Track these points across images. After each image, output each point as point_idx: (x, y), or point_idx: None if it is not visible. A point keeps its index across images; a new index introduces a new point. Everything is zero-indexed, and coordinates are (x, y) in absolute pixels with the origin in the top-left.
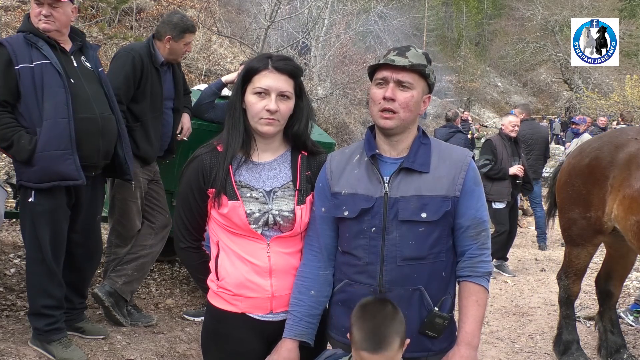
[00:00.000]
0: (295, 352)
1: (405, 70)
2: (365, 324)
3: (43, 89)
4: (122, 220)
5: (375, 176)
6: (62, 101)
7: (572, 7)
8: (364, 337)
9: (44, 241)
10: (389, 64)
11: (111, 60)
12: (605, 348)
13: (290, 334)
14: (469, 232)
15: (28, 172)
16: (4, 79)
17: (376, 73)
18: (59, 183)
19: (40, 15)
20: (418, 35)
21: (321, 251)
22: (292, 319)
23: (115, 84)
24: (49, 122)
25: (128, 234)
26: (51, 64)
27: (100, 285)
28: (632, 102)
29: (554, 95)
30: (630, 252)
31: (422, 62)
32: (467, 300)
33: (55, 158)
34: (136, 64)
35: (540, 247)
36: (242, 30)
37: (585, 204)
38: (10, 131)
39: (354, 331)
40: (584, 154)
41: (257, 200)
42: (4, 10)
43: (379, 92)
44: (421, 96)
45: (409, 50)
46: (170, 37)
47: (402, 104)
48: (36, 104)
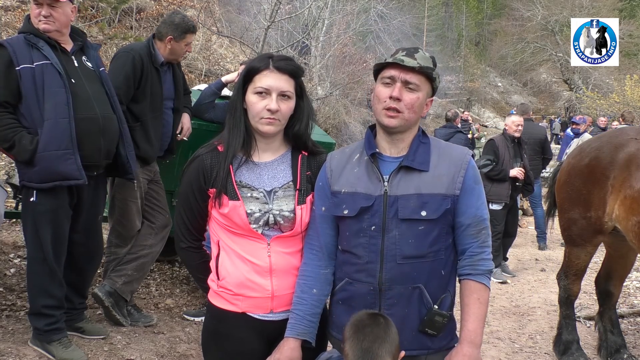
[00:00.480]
0: (298, 351)
1: (413, 72)
2: (358, 345)
3: (44, 89)
4: (122, 220)
5: (375, 175)
6: (62, 101)
7: (572, 7)
8: (357, 357)
9: (45, 241)
10: (398, 63)
11: (111, 60)
12: (605, 348)
13: (292, 333)
14: (470, 231)
15: (29, 172)
16: (5, 79)
17: (383, 71)
18: (60, 183)
19: (39, 15)
20: (418, 35)
21: (322, 250)
22: (295, 317)
23: (115, 83)
24: (50, 122)
25: (128, 234)
26: (52, 64)
27: (100, 285)
28: (632, 102)
29: (554, 95)
30: (630, 251)
31: (430, 65)
32: (468, 299)
33: (56, 158)
34: (136, 63)
35: (540, 247)
36: (242, 30)
37: (585, 204)
38: (12, 132)
39: (347, 348)
40: (584, 154)
41: (258, 200)
42: (4, 10)
43: (385, 90)
44: (425, 99)
45: (417, 52)
46: (172, 38)
47: (407, 104)
48: (37, 105)
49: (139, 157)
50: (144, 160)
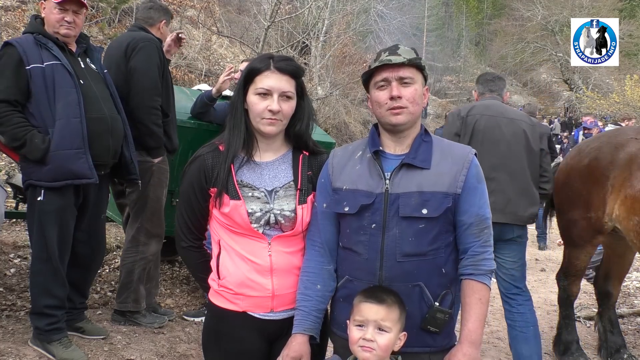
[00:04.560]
0: (306, 346)
1: (404, 66)
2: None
3: (55, 89)
4: (153, 219)
5: (376, 172)
6: (74, 101)
7: (572, 7)
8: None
9: (50, 240)
10: (387, 64)
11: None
12: (606, 348)
13: (299, 329)
14: (472, 230)
15: (39, 171)
16: (15, 78)
17: (374, 77)
18: (72, 181)
19: (62, 21)
20: (418, 35)
21: (323, 246)
22: (301, 314)
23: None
24: (62, 121)
25: (157, 232)
26: (62, 65)
27: (144, 311)
28: (632, 102)
29: (554, 95)
30: (628, 251)
31: (414, 55)
32: (470, 298)
33: (69, 157)
34: (160, 55)
35: (540, 247)
36: (242, 30)
37: (585, 204)
38: (22, 130)
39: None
40: (583, 154)
41: (259, 200)
42: (4, 10)
43: (382, 94)
44: (422, 88)
45: (398, 48)
46: (165, 21)
47: (409, 98)
48: (48, 104)
49: (170, 150)
50: (173, 151)
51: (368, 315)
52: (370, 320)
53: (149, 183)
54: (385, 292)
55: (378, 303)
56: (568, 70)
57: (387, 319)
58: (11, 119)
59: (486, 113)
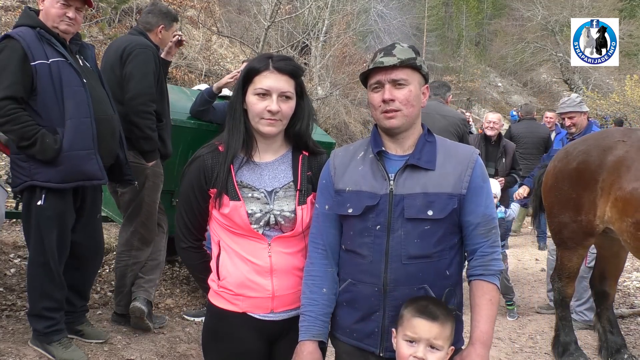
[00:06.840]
0: (318, 353)
1: (396, 69)
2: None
3: (62, 87)
4: (148, 223)
5: (380, 173)
6: (83, 100)
7: (572, 7)
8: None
9: (49, 245)
10: (379, 67)
11: (125, 55)
12: (606, 349)
13: (308, 335)
14: (480, 230)
15: (48, 172)
16: (20, 74)
17: (369, 79)
18: (83, 183)
19: (63, 16)
20: (418, 35)
21: (326, 249)
22: (308, 319)
23: (146, 84)
24: (73, 121)
25: (151, 237)
26: (67, 62)
27: (137, 297)
28: (632, 102)
29: (554, 95)
30: (621, 250)
31: (411, 55)
32: (480, 299)
33: (81, 158)
34: (156, 61)
35: (540, 247)
36: (242, 30)
37: (575, 207)
38: (33, 130)
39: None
40: (571, 157)
41: (259, 201)
42: (4, 10)
43: (376, 96)
44: (419, 89)
45: (394, 48)
46: (163, 26)
47: (402, 101)
48: (56, 103)
49: (164, 155)
50: (167, 156)
51: (421, 333)
52: (422, 338)
53: (144, 186)
54: (437, 305)
55: (432, 320)
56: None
57: (440, 337)
58: (20, 117)
59: (424, 111)
